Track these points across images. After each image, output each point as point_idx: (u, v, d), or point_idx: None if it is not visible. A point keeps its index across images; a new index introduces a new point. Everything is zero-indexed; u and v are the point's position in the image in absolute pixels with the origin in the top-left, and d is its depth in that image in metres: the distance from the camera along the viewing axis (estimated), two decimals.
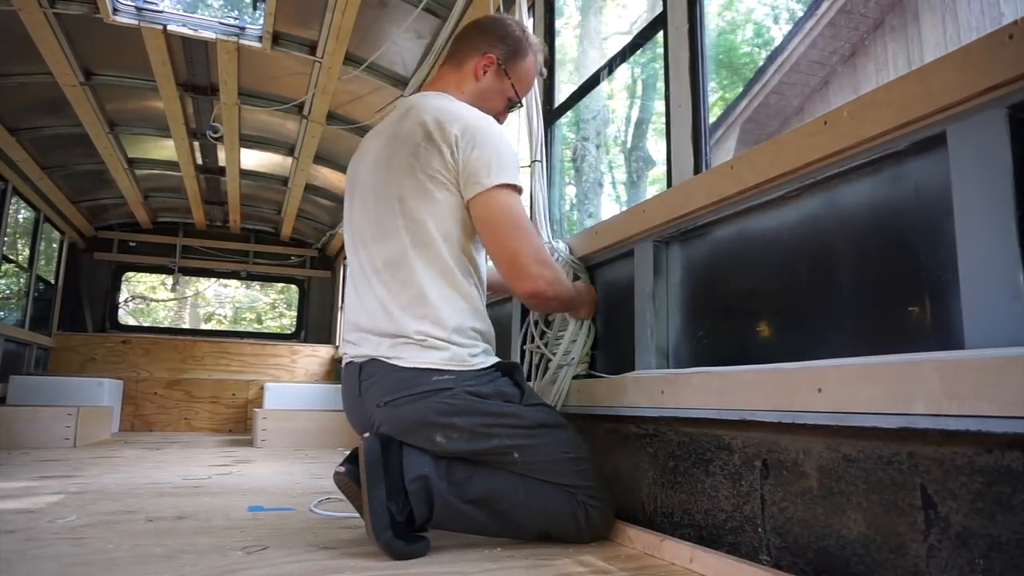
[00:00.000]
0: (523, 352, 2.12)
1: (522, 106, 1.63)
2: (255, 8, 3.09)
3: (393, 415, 1.34)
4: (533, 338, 1.93)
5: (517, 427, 1.34)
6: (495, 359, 1.44)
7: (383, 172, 1.40)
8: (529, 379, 1.92)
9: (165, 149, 4.47)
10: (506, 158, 1.34)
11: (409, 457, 1.31)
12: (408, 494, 1.26)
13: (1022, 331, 0.79)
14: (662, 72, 1.66)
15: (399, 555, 1.22)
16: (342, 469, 1.29)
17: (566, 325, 1.78)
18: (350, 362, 1.44)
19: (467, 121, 1.34)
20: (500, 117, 1.57)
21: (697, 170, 1.50)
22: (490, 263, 1.51)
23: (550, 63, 2.37)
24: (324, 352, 6.11)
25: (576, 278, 1.80)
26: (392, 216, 1.37)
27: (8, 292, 5.91)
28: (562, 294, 1.45)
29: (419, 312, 1.34)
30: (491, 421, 1.33)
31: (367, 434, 1.30)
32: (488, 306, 2.67)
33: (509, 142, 1.38)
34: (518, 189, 1.36)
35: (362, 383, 1.39)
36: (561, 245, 1.86)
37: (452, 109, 1.37)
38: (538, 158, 2.01)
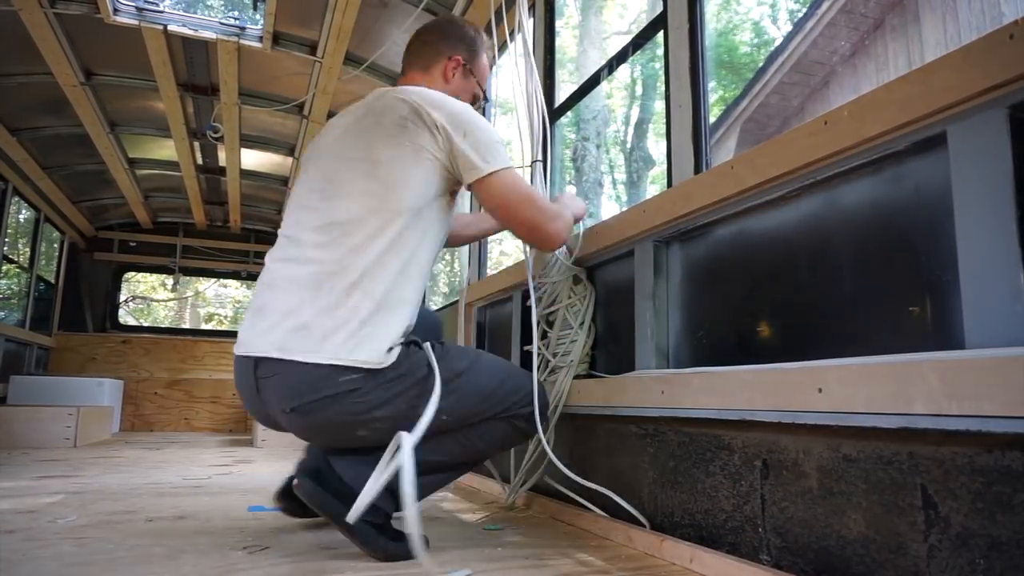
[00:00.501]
0: (523, 352, 2.12)
1: (488, 101, 1.68)
2: (255, 8, 3.09)
3: (302, 422, 1.27)
4: (533, 339, 1.93)
5: (435, 392, 1.28)
6: (407, 336, 1.34)
7: (354, 138, 1.35)
8: None
9: (165, 149, 4.47)
10: (497, 143, 1.37)
11: (351, 470, 1.26)
12: (375, 505, 1.22)
13: (1022, 331, 0.79)
14: (662, 72, 1.66)
15: (402, 556, 1.22)
16: (283, 505, 1.43)
17: (568, 325, 1.78)
18: (241, 355, 1.30)
19: (452, 108, 1.35)
20: None
21: (697, 170, 1.50)
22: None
23: (550, 63, 2.37)
24: None
25: (577, 281, 1.80)
26: (357, 177, 1.30)
27: (9, 292, 5.92)
28: (569, 225, 1.55)
29: (355, 277, 1.24)
30: (412, 400, 1.28)
31: (296, 480, 1.27)
32: (487, 307, 2.67)
33: (493, 128, 1.41)
34: (511, 167, 1.39)
35: (259, 381, 1.27)
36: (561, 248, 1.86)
37: (435, 95, 1.37)
38: (538, 158, 2.00)
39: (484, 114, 2.63)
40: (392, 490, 1.23)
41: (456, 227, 1.81)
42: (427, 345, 1.36)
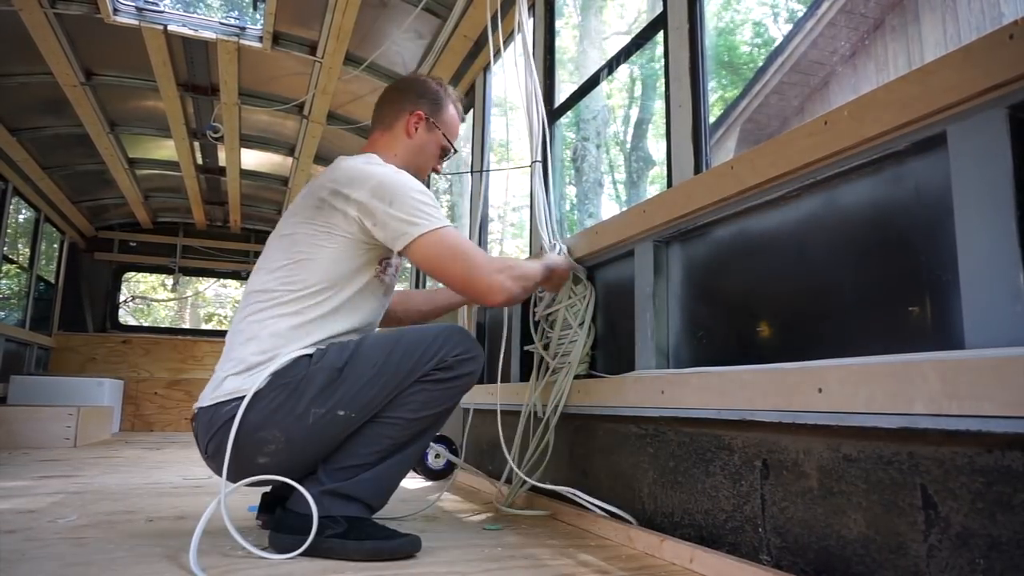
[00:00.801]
0: (523, 353, 2.12)
1: (456, 152, 1.68)
2: (255, 8, 3.10)
3: (217, 465, 1.31)
4: (533, 339, 1.93)
5: (314, 391, 1.27)
6: (291, 356, 1.33)
7: (289, 216, 1.44)
8: (529, 379, 1.92)
9: (165, 149, 4.47)
10: (425, 205, 1.36)
11: (295, 500, 1.28)
12: (331, 516, 1.25)
13: (1022, 331, 0.79)
14: (662, 72, 1.66)
15: (378, 554, 1.23)
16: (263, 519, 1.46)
17: (568, 325, 1.78)
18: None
19: (378, 178, 1.37)
20: (437, 167, 1.64)
21: (697, 170, 1.50)
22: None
23: (550, 63, 2.37)
24: None
25: (577, 280, 1.80)
26: (278, 252, 1.40)
27: (9, 292, 5.92)
28: (530, 281, 1.51)
29: (250, 329, 1.34)
30: (288, 411, 1.27)
31: (258, 519, 1.42)
32: (486, 309, 2.66)
33: (422, 188, 1.40)
34: (442, 223, 1.37)
35: (196, 435, 1.38)
36: (561, 245, 1.86)
37: (364, 168, 1.40)
38: (538, 158, 2.01)
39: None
40: (341, 494, 1.28)
41: (409, 305, 1.81)
42: (307, 352, 1.33)
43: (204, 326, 13.88)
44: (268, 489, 1.50)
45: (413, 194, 1.36)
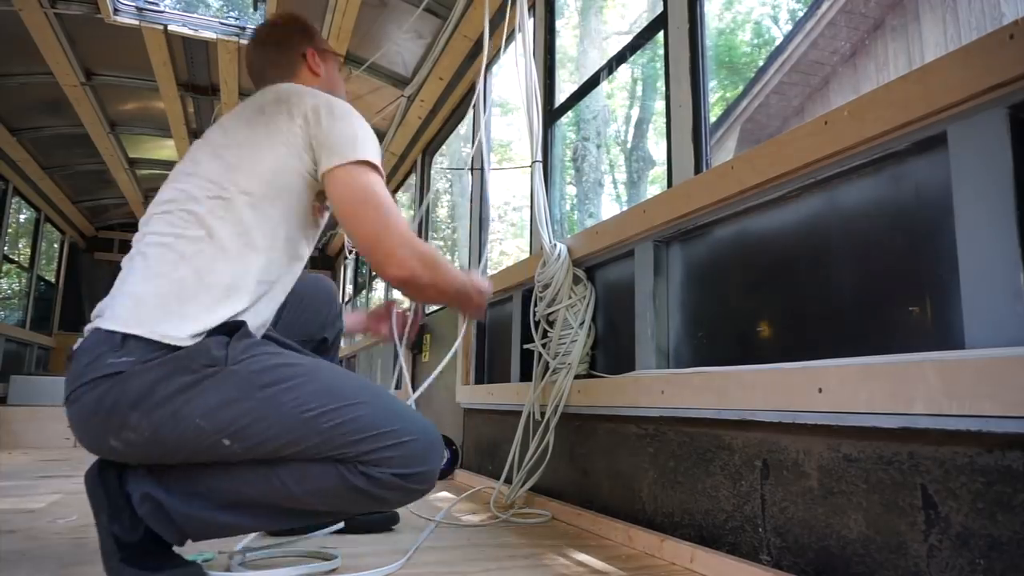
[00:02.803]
0: (523, 352, 2.12)
1: (344, 57, 1.53)
2: (255, 8, 3.10)
3: (70, 415, 1.04)
4: (533, 338, 1.93)
5: (214, 401, 0.98)
6: (213, 321, 1.04)
7: (217, 127, 1.23)
8: (529, 379, 1.92)
9: (165, 149, 4.48)
10: (369, 138, 1.19)
11: (133, 474, 1.04)
12: (135, 516, 1.01)
13: (1022, 331, 0.79)
14: (662, 72, 1.66)
15: None
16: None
17: (568, 325, 1.78)
18: None
19: (324, 97, 1.21)
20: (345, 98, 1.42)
21: (697, 170, 1.50)
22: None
23: (550, 63, 2.37)
24: None
25: (577, 281, 1.80)
26: (202, 157, 1.17)
27: (9, 292, 5.92)
28: (442, 282, 1.22)
29: (159, 253, 1.07)
30: (174, 407, 0.98)
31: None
32: (487, 307, 2.67)
33: (368, 128, 1.22)
34: (381, 172, 1.19)
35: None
36: (561, 248, 1.86)
37: (308, 89, 1.24)
38: (538, 158, 2.01)
39: None
40: (159, 506, 1.02)
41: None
42: (242, 339, 1.04)
43: None
44: None
45: (360, 124, 1.20)
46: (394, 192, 4.61)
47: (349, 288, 6.09)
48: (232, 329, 1.04)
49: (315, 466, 1.01)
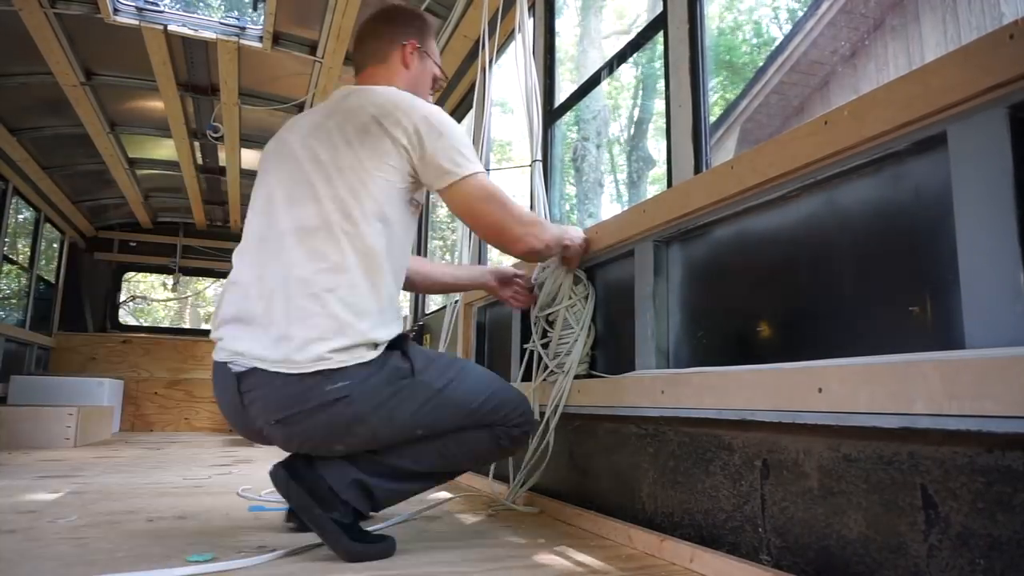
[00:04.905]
0: (523, 351, 2.12)
1: (447, 80, 1.64)
2: (255, 8, 3.10)
3: (288, 433, 1.27)
4: (533, 338, 1.93)
5: (415, 406, 1.29)
6: (390, 337, 1.30)
7: (318, 141, 1.32)
8: (529, 379, 1.92)
9: (165, 149, 4.48)
10: (468, 148, 1.35)
11: (328, 467, 1.29)
12: (347, 500, 1.27)
13: (1022, 331, 0.79)
14: (662, 72, 1.66)
15: (364, 557, 1.23)
16: (294, 523, 1.46)
17: (568, 325, 1.78)
18: (225, 366, 1.26)
19: (424, 111, 1.31)
20: (429, 99, 1.55)
21: (697, 170, 1.50)
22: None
23: (550, 63, 2.37)
24: None
25: (577, 281, 1.80)
26: (320, 182, 1.28)
27: (9, 292, 5.92)
28: (551, 238, 1.53)
29: (328, 283, 1.23)
30: (387, 413, 1.27)
31: (271, 467, 1.30)
32: (487, 306, 2.67)
33: (463, 130, 1.39)
34: (482, 171, 1.37)
35: (243, 395, 1.25)
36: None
37: (406, 99, 1.33)
38: (538, 158, 2.00)
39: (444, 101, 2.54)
40: (368, 490, 1.30)
41: (429, 274, 1.81)
42: (411, 350, 1.34)
43: (204, 326, 13.87)
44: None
45: (458, 134, 1.34)
46: None
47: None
48: (399, 342, 1.33)
49: (474, 433, 1.38)
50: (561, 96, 2.36)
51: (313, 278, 1.23)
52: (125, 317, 9.86)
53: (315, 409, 1.22)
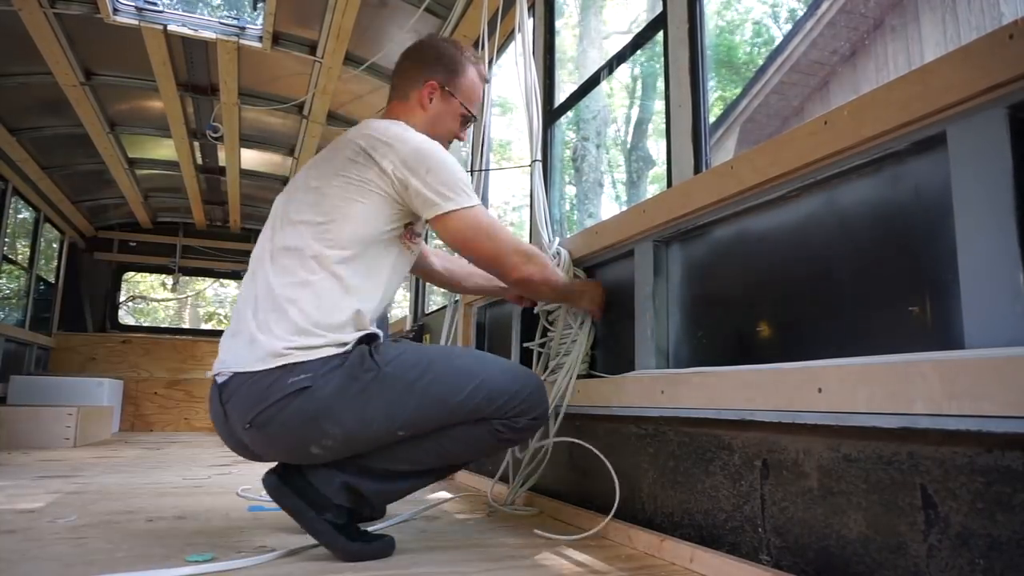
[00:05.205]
0: (523, 350, 2.12)
1: (477, 119, 1.61)
2: (255, 8, 3.10)
3: (262, 437, 1.26)
4: (534, 338, 1.93)
5: (387, 402, 1.24)
6: (356, 337, 1.29)
7: (313, 168, 1.40)
8: None
9: (165, 149, 4.47)
10: (461, 181, 1.35)
11: (315, 473, 1.28)
12: (339, 505, 1.26)
13: (1022, 331, 0.79)
14: (662, 72, 1.66)
15: (361, 556, 1.24)
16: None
17: (568, 325, 1.78)
18: (214, 379, 1.32)
19: (415, 144, 1.35)
20: (459, 136, 1.57)
21: (697, 170, 1.50)
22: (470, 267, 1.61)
23: (550, 63, 2.37)
24: None
25: (576, 278, 1.80)
26: (304, 207, 1.34)
27: (8, 292, 5.92)
28: (552, 279, 1.50)
29: (291, 295, 1.27)
30: (358, 411, 1.23)
31: (264, 475, 1.28)
32: (487, 306, 2.67)
33: (458, 164, 1.39)
34: (477, 201, 1.38)
35: (225, 406, 1.28)
36: (561, 248, 1.86)
37: (399, 131, 1.37)
38: (538, 158, 2.01)
39: (480, 130, 2.55)
40: (356, 492, 1.29)
41: (451, 271, 1.82)
42: (381, 345, 1.31)
43: (204, 326, 13.87)
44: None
45: (449, 167, 1.34)
46: None
47: None
48: (370, 339, 1.31)
49: (470, 429, 1.31)
50: (561, 96, 2.36)
51: (279, 291, 1.28)
52: (125, 317, 9.89)
53: (280, 403, 1.21)
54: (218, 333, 7.11)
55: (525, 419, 1.34)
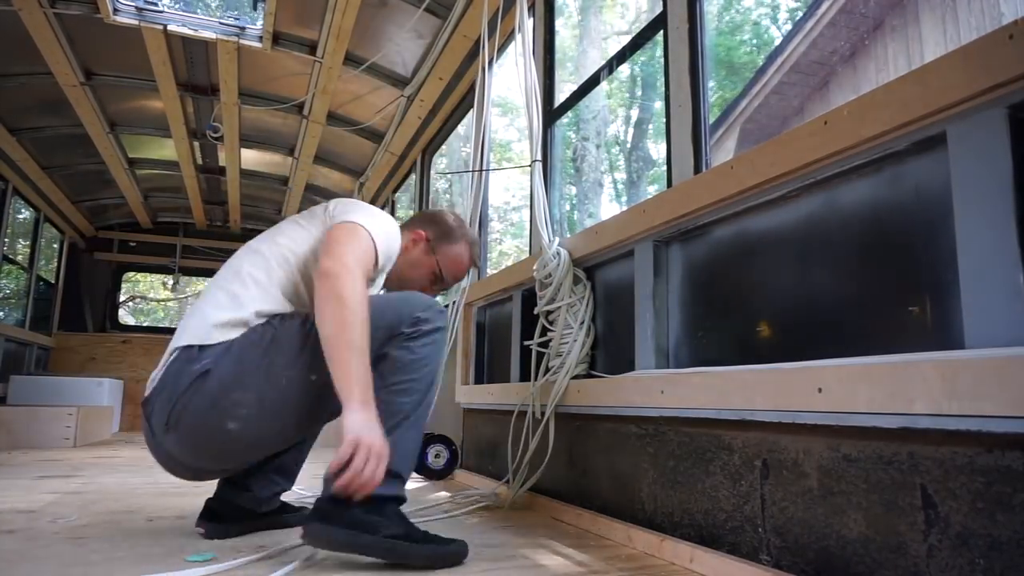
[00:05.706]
0: (523, 351, 2.12)
1: (448, 287, 1.70)
2: (255, 8, 3.10)
3: (183, 436, 1.25)
4: (533, 338, 1.93)
5: (292, 351, 1.27)
6: (260, 319, 1.33)
7: (286, 223, 1.52)
8: (529, 379, 1.92)
9: (165, 149, 4.47)
10: (369, 214, 1.39)
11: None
12: (388, 515, 1.19)
13: (1022, 331, 0.79)
14: (662, 72, 1.66)
15: (441, 561, 1.20)
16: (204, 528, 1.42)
17: (568, 325, 1.78)
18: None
19: (351, 201, 1.48)
20: (426, 290, 1.61)
21: (697, 170, 1.50)
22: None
23: (550, 63, 2.37)
24: None
25: (577, 281, 1.80)
26: (263, 245, 1.45)
27: (8, 292, 5.92)
28: (349, 296, 1.21)
29: (210, 304, 1.34)
30: (264, 372, 1.25)
31: (302, 531, 1.18)
32: (487, 306, 2.67)
33: (384, 216, 1.44)
34: (366, 229, 1.34)
35: (150, 420, 1.29)
36: (561, 248, 1.86)
37: (353, 200, 1.50)
38: (538, 158, 2.01)
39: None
40: (391, 472, 1.18)
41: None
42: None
43: None
44: (212, 494, 1.47)
45: (367, 211, 1.41)
46: (393, 192, 4.61)
47: None
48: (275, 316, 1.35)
49: (393, 357, 1.27)
50: (561, 96, 2.36)
51: (203, 308, 1.35)
52: (125, 317, 9.88)
53: (186, 392, 1.24)
54: None
55: (421, 313, 1.30)
